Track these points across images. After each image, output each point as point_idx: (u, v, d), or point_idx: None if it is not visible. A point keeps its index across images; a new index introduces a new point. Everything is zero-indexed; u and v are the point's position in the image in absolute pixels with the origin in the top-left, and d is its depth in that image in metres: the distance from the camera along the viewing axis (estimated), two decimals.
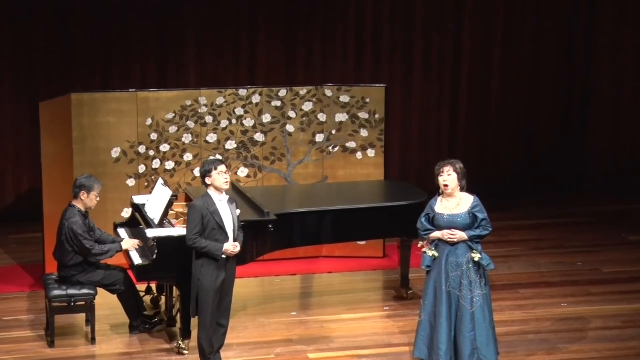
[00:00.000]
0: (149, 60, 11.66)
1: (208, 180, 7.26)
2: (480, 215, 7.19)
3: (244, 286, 9.24)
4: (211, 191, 7.27)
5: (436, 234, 7.24)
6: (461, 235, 7.17)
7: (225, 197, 7.30)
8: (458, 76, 12.53)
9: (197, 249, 7.25)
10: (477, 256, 7.16)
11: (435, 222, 7.26)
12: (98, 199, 8.03)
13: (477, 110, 12.70)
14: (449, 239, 7.17)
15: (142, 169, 9.83)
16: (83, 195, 7.97)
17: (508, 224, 11.42)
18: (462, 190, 7.26)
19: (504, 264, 10.10)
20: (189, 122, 9.90)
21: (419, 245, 7.38)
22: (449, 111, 12.61)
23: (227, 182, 7.26)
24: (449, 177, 7.20)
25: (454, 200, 7.23)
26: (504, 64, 12.63)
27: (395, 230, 8.85)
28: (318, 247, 10.06)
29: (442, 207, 7.25)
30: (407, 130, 12.52)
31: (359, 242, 10.09)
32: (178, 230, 7.90)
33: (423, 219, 7.31)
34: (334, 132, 10.21)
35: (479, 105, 12.69)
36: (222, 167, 7.27)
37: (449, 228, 7.18)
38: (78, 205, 8.00)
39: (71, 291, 7.97)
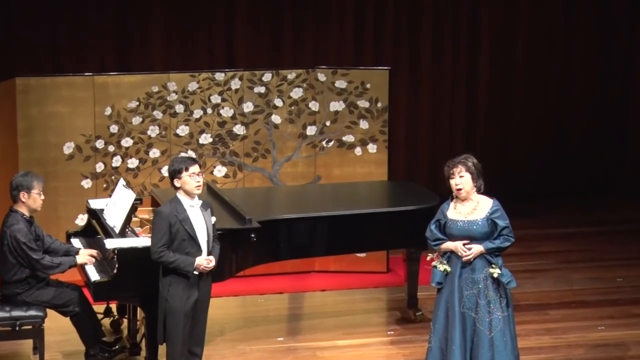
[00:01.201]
0: (108, 38, 11.64)
1: (177, 183, 7.25)
2: (500, 223, 7.19)
3: (221, 307, 9.24)
4: (181, 195, 7.26)
5: (448, 245, 7.24)
6: (477, 250, 7.16)
7: (197, 202, 7.29)
8: (475, 58, 12.54)
9: (165, 264, 7.24)
10: (495, 272, 7.16)
11: (447, 230, 7.26)
12: (42, 197, 8.01)
13: (498, 99, 12.71)
14: (463, 256, 7.16)
15: (100, 167, 9.82)
16: (23, 196, 7.96)
17: (534, 233, 11.43)
18: (478, 191, 7.26)
19: (530, 279, 10.11)
20: (155, 112, 9.90)
21: (428, 259, 7.39)
22: (464, 99, 12.62)
23: (199, 185, 7.25)
24: (461, 179, 7.20)
25: (470, 205, 7.24)
26: (531, 45, 12.64)
27: (400, 240, 8.85)
28: (309, 261, 10.06)
29: (456, 212, 7.25)
30: (414, 121, 12.53)
31: (358, 255, 10.10)
32: (143, 240, 7.89)
33: (433, 226, 7.32)
34: (328, 123, 10.22)
35: (500, 93, 12.71)
36: (194, 168, 7.26)
37: (464, 237, 7.18)
38: (20, 209, 7.98)
39: (15, 313, 7.95)
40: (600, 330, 8.98)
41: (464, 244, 7.17)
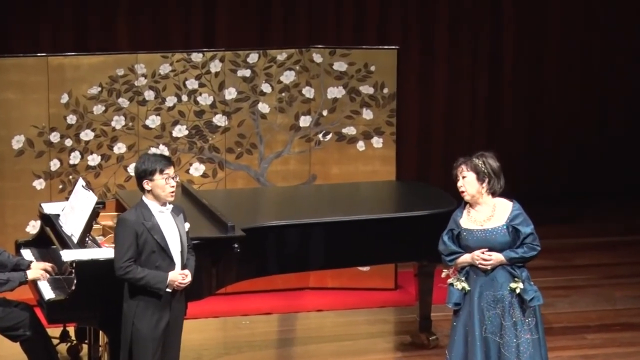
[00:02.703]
0: (64, 13, 11.65)
1: (147, 185, 7.25)
2: (523, 230, 7.20)
3: (199, 330, 9.25)
4: (148, 199, 7.26)
5: (465, 258, 7.24)
6: (497, 259, 7.17)
7: (167, 207, 7.29)
8: (499, 35, 12.56)
9: (132, 281, 7.24)
10: (517, 286, 7.16)
11: (462, 242, 7.27)
12: None
13: (527, 83, 12.73)
14: (480, 265, 7.17)
15: (55, 165, 9.82)
16: None
17: (569, 243, 11.45)
18: (493, 194, 7.25)
19: (565, 297, 10.13)
20: (120, 100, 9.90)
21: (443, 275, 7.39)
22: (487, 83, 12.63)
23: (173, 192, 7.25)
24: (463, 179, 7.22)
25: (485, 210, 7.24)
26: (566, 18, 12.66)
27: (410, 251, 8.87)
28: (303, 275, 10.08)
29: (470, 220, 7.26)
30: (427, 110, 12.55)
31: (361, 268, 10.11)
32: (105, 251, 7.90)
33: (446, 238, 7.32)
34: (325, 113, 10.23)
35: (529, 76, 12.72)
36: (170, 170, 7.25)
37: (482, 249, 7.18)
38: None
39: None
40: None
41: (482, 252, 7.16)
